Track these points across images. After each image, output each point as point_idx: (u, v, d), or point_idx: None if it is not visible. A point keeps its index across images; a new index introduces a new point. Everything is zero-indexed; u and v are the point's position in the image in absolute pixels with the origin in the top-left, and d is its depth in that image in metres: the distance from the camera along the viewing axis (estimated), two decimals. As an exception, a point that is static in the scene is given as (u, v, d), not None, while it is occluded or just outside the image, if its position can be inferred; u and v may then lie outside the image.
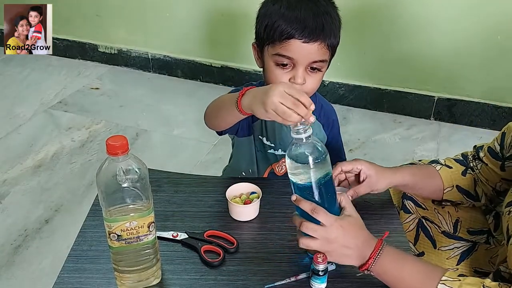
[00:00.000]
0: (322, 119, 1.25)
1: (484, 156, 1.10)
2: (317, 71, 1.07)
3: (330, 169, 0.86)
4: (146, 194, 0.80)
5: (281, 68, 1.05)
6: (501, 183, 1.09)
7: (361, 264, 0.86)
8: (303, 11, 1.02)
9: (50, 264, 1.72)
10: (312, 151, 0.84)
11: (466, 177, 1.10)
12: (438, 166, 1.11)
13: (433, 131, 2.53)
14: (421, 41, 2.44)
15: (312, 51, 1.02)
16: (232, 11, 2.64)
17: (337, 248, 0.85)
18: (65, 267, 0.91)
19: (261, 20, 1.07)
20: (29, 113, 2.62)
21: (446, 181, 1.09)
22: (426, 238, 1.17)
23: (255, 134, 1.22)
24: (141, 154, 1.28)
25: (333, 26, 1.05)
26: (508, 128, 1.06)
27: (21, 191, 2.07)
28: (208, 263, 0.92)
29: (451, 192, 1.09)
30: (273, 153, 1.23)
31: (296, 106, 0.84)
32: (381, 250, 0.84)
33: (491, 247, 1.14)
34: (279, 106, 0.84)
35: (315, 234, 0.85)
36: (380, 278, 0.86)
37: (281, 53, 1.03)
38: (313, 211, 0.84)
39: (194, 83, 2.95)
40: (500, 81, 2.42)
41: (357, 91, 2.67)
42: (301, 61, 1.03)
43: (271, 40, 1.04)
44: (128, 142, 0.77)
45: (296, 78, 1.04)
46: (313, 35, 1.01)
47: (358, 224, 0.88)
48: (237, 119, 1.03)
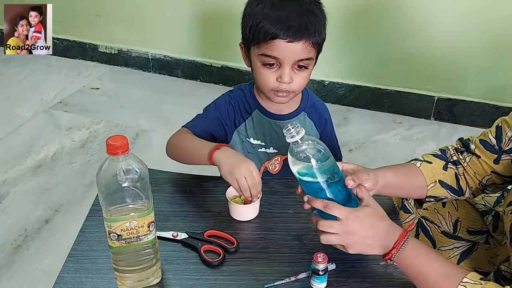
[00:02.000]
0: (314, 117, 1.25)
1: (476, 148, 1.08)
2: (304, 69, 1.08)
3: (334, 164, 0.86)
4: (146, 194, 0.81)
5: (267, 68, 1.08)
6: (490, 176, 1.06)
7: (385, 254, 0.85)
8: (286, 11, 1.04)
9: (50, 264, 1.72)
10: (311, 149, 0.84)
11: (447, 171, 1.08)
12: (418, 162, 1.08)
13: (433, 131, 2.53)
14: (421, 41, 2.44)
15: (297, 50, 1.04)
16: (232, 11, 2.64)
17: (358, 239, 0.84)
18: (65, 267, 0.91)
19: (246, 20, 1.08)
20: (29, 113, 2.62)
21: (428, 177, 1.06)
22: (425, 238, 1.17)
23: (242, 137, 1.23)
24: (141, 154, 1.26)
25: (318, 24, 1.06)
26: (503, 120, 1.05)
27: (21, 191, 2.07)
28: (208, 263, 0.92)
29: (434, 188, 1.07)
30: (264, 151, 1.24)
31: (253, 187, 0.98)
32: (405, 241, 0.84)
33: (490, 247, 1.14)
34: (243, 180, 0.98)
35: (333, 230, 0.84)
36: (403, 270, 0.85)
37: (267, 53, 1.05)
38: (326, 207, 0.84)
39: (194, 83, 2.95)
40: (500, 81, 2.42)
41: (357, 91, 2.67)
42: (287, 60, 1.05)
43: (256, 40, 1.05)
44: (128, 142, 0.77)
45: (282, 77, 1.06)
46: (297, 35, 1.02)
47: (378, 214, 0.87)
48: (204, 164, 1.08)
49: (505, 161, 1.04)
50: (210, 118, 1.21)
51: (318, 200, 0.85)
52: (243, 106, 1.22)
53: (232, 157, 1.03)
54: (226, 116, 1.21)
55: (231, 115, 1.21)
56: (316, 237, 0.89)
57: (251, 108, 1.21)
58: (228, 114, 1.21)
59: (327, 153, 0.85)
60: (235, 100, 1.22)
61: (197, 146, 1.11)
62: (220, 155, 1.04)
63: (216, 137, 1.22)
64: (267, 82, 1.09)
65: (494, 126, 1.07)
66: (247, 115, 1.22)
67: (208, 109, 1.23)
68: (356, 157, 2.29)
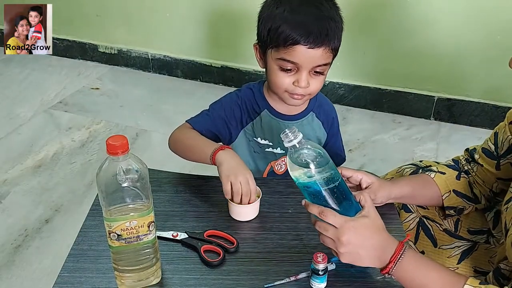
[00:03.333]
0: (322, 116, 1.25)
1: (479, 157, 1.10)
2: (320, 74, 1.08)
3: (334, 170, 0.85)
4: (146, 194, 0.81)
5: (285, 72, 1.07)
6: (497, 184, 1.09)
7: (382, 267, 0.84)
8: (307, 16, 1.02)
9: (50, 264, 1.72)
10: (310, 154, 0.83)
11: (460, 181, 1.11)
12: (432, 173, 1.11)
13: (433, 131, 2.53)
14: (421, 41, 2.44)
15: (316, 56, 1.03)
16: (232, 11, 2.65)
17: (351, 249, 0.83)
18: (65, 267, 0.91)
19: (264, 22, 1.07)
20: (29, 113, 2.62)
21: (442, 187, 1.09)
22: (426, 237, 1.18)
23: (249, 137, 1.23)
24: (141, 154, 1.26)
25: (337, 29, 1.06)
26: (499, 127, 1.08)
27: (21, 191, 2.07)
28: (208, 263, 0.92)
29: (449, 198, 1.10)
30: (272, 151, 1.23)
31: (245, 194, 1.00)
32: (402, 254, 0.82)
33: (491, 247, 1.14)
34: (238, 184, 1.00)
35: (327, 233, 0.84)
36: (402, 283, 0.84)
37: (286, 58, 1.04)
38: (321, 214, 0.83)
39: (194, 83, 2.95)
40: (500, 81, 2.42)
41: (357, 91, 2.67)
42: (305, 66, 1.04)
43: (275, 44, 1.04)
44: (128, 142, 0.77)
45: (300, 82, 1.06)
46: (318, 41, 1.02)
47: (375, 225, 0.85)
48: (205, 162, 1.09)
49: (505, 165, 1.05)
50: (214, 116, 1.20)
51: (314, 205, 0.85)
52: (251, 106, 1.21)
53: (234, 161, 1.04)
54: (232, 116, 1.20)
55: (237, 115, 1.21)
56: (316, 237, 0.89)
57: (260, 108, 1.20)
58: (234, 114, 1.20)
59: (325, 157, 0.84)
60: (242, 100, 1.21)
61: (201, 144, 1.11)
62: (223, 156, 1.04)
63: (219, 136, 1.21)
64: (282, 85, 1.08)
65: (493, 133, 1.09)
66: (255, 115, 1.21)
67: (213, 107, 1.22)
68: (356, 157, 2.29)
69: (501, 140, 1.05)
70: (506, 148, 1.04)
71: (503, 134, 1.05)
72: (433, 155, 2.33)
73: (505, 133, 1.04)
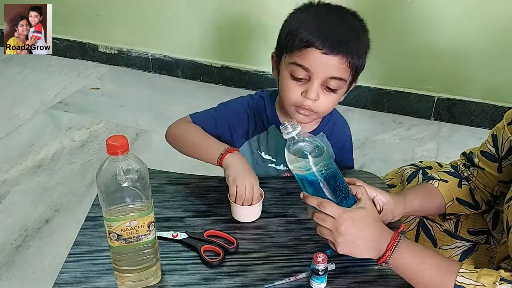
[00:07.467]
0: (332, 138, 1.19)
1: (479, 161, 1.10)
2: (333, 92, 1.00)
3: (331, 162, 0.87)
4: (146, 194, 0.81)
5: (295, 81, 1.00)
6: (498, 187, 1.10)
7: (379, 257, 0.85)
8: (329, 22, 0.98)
9: (50, 264, 1.72)
10: (308, 145, 0.85)
11: (462, 188, 1.11)
12: (436, 182, 1.12)
13: (433, 131, 2.53)
14: (421, 41, 2.44)
15: (331, 64, 0.96)
16: (232, 11, 2.64)
17: (348, 239, 0.85)
18: (65, 266, 0.91)
19: (284, 27, 1.03)
20: (29, 113, 2.62)
21: (446, 196, 1.10)
22: (426, 237, 1.18)
23: (253, 149, 1.19)
24: (141, 154, 1.27)
25: (359, 46, 1.00)
26: (497, 128, 1.07)
27: (21, 191, 2.07)
28: (208, 263, 0.92)
29: (452, 206, 1.11)
30: (275, 167, 1.20)
31: (247, 200, 1.00)
32: (398, 243, 0.84)
33: (491, 247, 1.14)
34: (242, 189, 0.99)
35: (325, 224, 0.85)
36: (398, 271, 0.86)
37: (298, 61, 0.97)
38: (320, 205, 0.85)
39: (194, 83, 2.95)
40: (500, 81, 2.42)
41: (357, 91, 2.67)
42: (318, 74, 0.97)
43: (290, 47, 0.99)
44: (128, 142, 0.77)
45: (309, 92, 0.98)
46: (335, 48, 0.95)
47: (371, 216, 0.87)
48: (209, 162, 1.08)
49: (507, 167, 1.05)
50: (221, 119, 1.15)
51: (313, 197, 0.87)
52: (260, 119, 1.16)
53: (242, 166, 1.03)
54: (239, 125, 1.16)
55: (244, 124, 1.16)
56: (316, 237, 0.89)
57: (268, 122, 1.15)
58: (241, 123, 1.16)
59: (323, 149, 0.85)
60: (252, 109, 1.16)
61: (208, 144, 1.09)
62: (231, 159, 1.03)
63: (220, 138, 1.16)
64: (291, 95, 1.01)
65: (490, 136, 1.09)
66: (263, 128, 1.16)
67: (222, 110, 1.17)
68: (356, 157, 2.26)
69: (501, 141, 1.05)
70: (507, 149, 1.04)
71: (503, 135, 1.04)
72: (433, 155, 2.32)
73: (505, 134, 1.04)
